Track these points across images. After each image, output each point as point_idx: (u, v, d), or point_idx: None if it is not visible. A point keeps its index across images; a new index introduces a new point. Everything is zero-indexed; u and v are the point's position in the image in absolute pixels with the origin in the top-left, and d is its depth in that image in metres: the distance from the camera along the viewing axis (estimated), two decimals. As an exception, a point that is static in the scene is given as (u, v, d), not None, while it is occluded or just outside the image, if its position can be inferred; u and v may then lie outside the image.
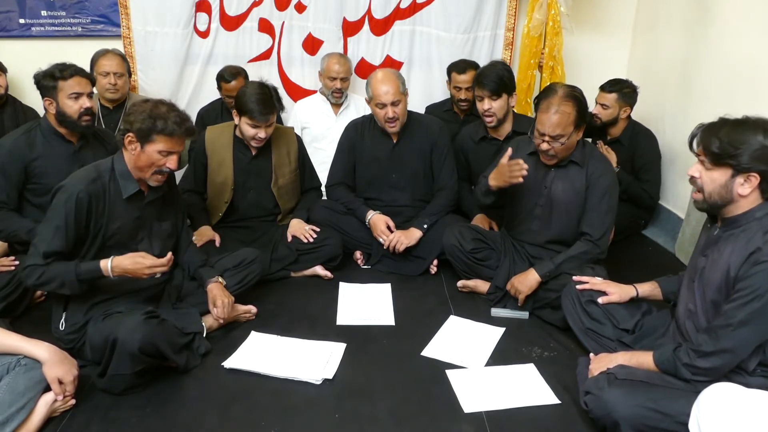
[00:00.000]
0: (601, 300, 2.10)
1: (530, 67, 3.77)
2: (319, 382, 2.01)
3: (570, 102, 2.27)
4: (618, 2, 3.99)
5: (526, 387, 2.01)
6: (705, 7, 3.15)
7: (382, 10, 3.88)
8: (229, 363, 2.10)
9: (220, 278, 2.31)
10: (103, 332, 1.88)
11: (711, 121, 1.67)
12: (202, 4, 3.76)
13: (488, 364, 2.16)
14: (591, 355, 1.95)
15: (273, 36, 3.89)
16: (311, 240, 2.79)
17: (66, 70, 2.40)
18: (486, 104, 2.85)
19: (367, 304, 2.58)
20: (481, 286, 2.65)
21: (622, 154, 3.35)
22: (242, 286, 2.40)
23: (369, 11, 3.88)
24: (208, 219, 2.87)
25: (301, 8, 3.84)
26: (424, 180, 3.00)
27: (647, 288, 2.11)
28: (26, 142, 2.45)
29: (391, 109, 2.79)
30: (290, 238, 2.80)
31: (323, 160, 3.37)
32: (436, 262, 2.87)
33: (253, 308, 2.43)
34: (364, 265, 2.97)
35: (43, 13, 3.74)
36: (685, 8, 3.37)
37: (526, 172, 2.33)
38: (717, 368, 1.63)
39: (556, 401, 1.93)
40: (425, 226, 2.85)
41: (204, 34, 3.81)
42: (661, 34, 3.68)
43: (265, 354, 2.16)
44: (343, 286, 2.74)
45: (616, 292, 2.11)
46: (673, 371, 1.69)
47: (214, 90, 3.62)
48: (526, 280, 2.41)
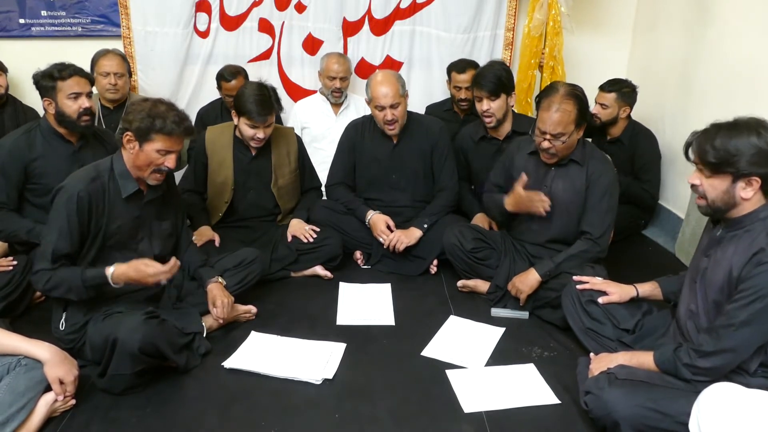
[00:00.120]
0: (601, 300, 2.10)
1: (531, 67, 3.77)
2: (319, 382, 2.01)
3: (571, 100, 2.28)
4: (618, 2, 3.99)
5: (526, 387, 2.01)
6: (705, 7, 3.15)
7: (382, 10, 3.88)
8: (229, 363, 2.10)
9: (220, 278, 2.31)
10: (103, 332, 1.88)
11: (704, 129, 1.65)
12: (202, 4, 3.76)
13: (488, 364, 2.15)
14: (591, 355, 1.95)
15: (273, 36, 3.89)
16: (311, 240, 2.79)
17: (65, 70, 2.39)
18: (485, 105, 2.85)
19: (367, 304, 2.58)
20: (481, 285, 2.65)
21: (622, 153, 3.35)
22: (242, 286, 2.40)
23: (369, 11, 3.88)
24: (208, 219, 2.87)
25: (301, 8, 3.84)
26: (425, 180, 3.00)
27: (647, 288, 2.11)
28: (26, 142, 2.45)
29: (389, 112, 2.79)
30: (290, 238, 2.80)
31: (323, 160, 3.37)
32: (436, 262, 2.87)
33: (253, 308, 2.43)
34: (364, 265, 2.97)
35: (43, 13, 3.74)
36: (685, 8, 3.37)
37: (549, 207, 2.39)
38: (718, 368, 1.63)
39: (556, 401, 1.93)
40: (425, 226, 2.85)
41: (204, 34, 3.81)
42: (661, 34, 3.68)
43: (265, 354, 2.16)
44: (343, 286, 2.74)
45: (617, 292, 2.10)
46: (674, 371, 1.68)
47: (214, 90, 3.62)
48: (527, 280, 2.42)
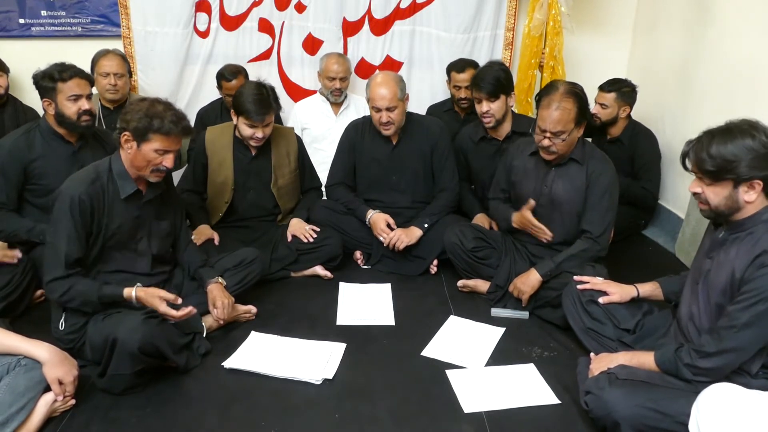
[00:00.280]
0: (601, 300, 2.10)
1: (531, 66, 3.77)
2: (319, 382, 2.01)
3: (571, 98, 2.28)
4: (618, 2, 3.99)
5: (526, 387, 2.01)
6: (705, 7, 3.15)
7: (382, 10, 3.87)
8: (229, 363, 2.10)
9: (220, 279, 2.31)
10: (103, 332, 1.88)
11: (697, 137, 1.65)
12: (202, 4, 3.75)
13: (488, 364, 2.15)
14: (591, 355, 1.95)
15: (273, 36, 3.89)
16: (311, 240, 2.79)
17: (65, 72, 2.39)
18: (484, 106, 2.85)
19: (367, 304, 2.58)
20: (481, 285, 2.65)
21: (622, 153, 3.35)
22: (242, 286, 2.40)
23: (369, 11, 3.88)
24: (207, 218, 2.86)
25: (301, 8, 3.84)
26: (425, 181, 3.00)
27: (648, 288, 2.10)
28: (26, 142, 2.45)
29: (385, 114, 2.79)
30: (290, 238, 2.80)
31: (323, 161, 3.36)
32: (436, 262, 2.87)
33: (253, 308, 2.43)
34: (364, 265, 2.97)
35: (43, 13, 3.73)
36: (685, 8, 3.37)
37: (550, 239, 2.48)
38: (718, 369, 1.62)
39: (556, 401, 1.93)
40: (426, 226, 2.85)
41: (204, 34, 3.81)
42: (661, 34, 3.68)
43: (265, 354, 2.16)
44: (343, 286, 2.74)
45: (617, 292, 2.10)
46: (674, 371, 1.68)
47: (214, 90, 3.62)
48: (528, 280, 2.41)
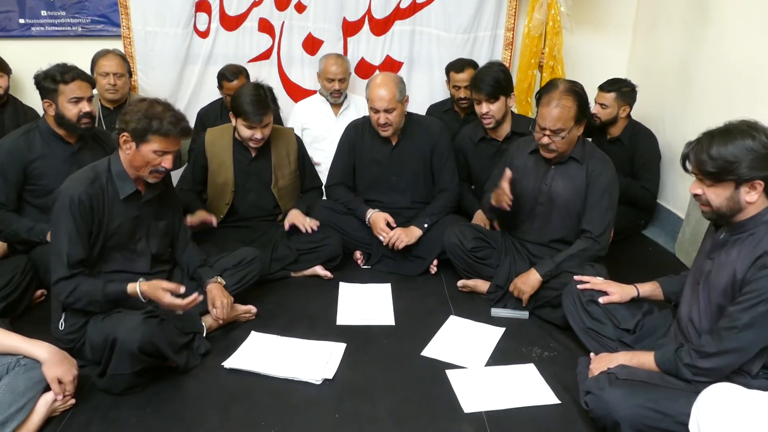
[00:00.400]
0: (602, 300, 2.10)
1: (530, 66, 3.77)
2: (319, 382, 2.01)
3: (571, 96, 2.28)
4: (618, 2, 3.98)
5: (526, 387, 2.01)
6: (705, 7, 3.15)
7: (382, 10, 3.87)
8: (229, 363, 2.10)
9: (220, 278, 2.31)
10: (103, 332, 1.88)
11: (697, 138, 1.65)
12: (202, 4, 3.75)
13: (488, 364, 2.15)
14: (591, 355, 1.95)
15: (273, 36, 3.89)
16: (310, 231, 2.78)
17: (67, 73, 2.38)
18: (484, 108, 2.85)
19: (367, 304, 2.58)
20: (481, 285, 2.65)
21: (621, 153, 3.35)
22: (241, 286, 2.40)
23: (369, 11, 3.88)
24: (204, 205, 2.86)
25: (301, 8, 3.84)
26: (424, 182, 2.99)
27: (648, 288, 2.10)
28: (25, 143, 2.45)
29: (383, 116, 2.79)
30: (287, 226, 2.79)
31: (323, 161, 3.36)
32: (436, 262, 2.87)
33: (252, 308, 2.43)
34: (364, 265, 2.97)
35: (43, 13, 3.73)
36: (685, 8, 3.37)
37: (510, 203, 2.41)
38: (719, 369, 1.62)
39: (556, 401, 1.93)
40: (425, 226, 2.85)
41: (204, 34, 3.81)
42: (661, 34, 3.68)
43: (265, 354, 2.16)
44: (343, 286, 2.74)
45: (617, 291, 2.10)
46: (675, 371, 1.68)
47: (214, 90, 3.62)
48: (528, 280, 2.41)
